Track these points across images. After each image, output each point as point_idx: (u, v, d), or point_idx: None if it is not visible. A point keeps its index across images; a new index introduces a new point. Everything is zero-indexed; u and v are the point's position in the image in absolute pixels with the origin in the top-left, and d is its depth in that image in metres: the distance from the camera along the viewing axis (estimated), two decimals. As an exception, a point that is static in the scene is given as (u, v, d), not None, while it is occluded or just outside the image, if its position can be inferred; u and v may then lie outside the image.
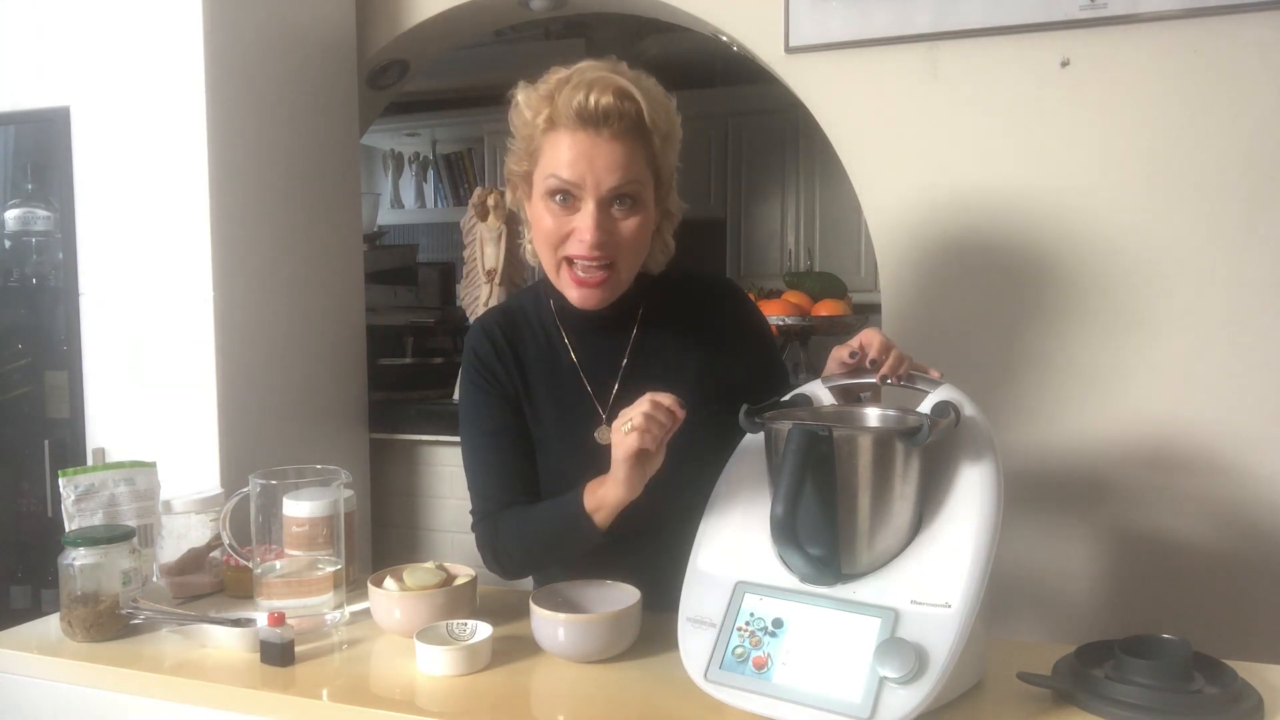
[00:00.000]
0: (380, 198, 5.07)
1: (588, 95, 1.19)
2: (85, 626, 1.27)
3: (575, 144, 1.21)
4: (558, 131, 1.22)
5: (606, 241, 1.23)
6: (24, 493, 2.17)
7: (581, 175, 1.21)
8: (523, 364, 1.36)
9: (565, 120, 1.21)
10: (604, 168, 1.21)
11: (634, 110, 1.21)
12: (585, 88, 1.19)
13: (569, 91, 1.20)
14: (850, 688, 0.97)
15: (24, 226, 2.12)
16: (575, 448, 1.34)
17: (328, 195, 2.24)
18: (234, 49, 1.94)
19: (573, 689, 1.13)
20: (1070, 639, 1.19)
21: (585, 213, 1.22)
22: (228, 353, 1.93)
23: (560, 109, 1.21)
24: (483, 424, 1.36)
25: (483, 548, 1.34)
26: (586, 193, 1.22)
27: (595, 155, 1.21)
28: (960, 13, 1.88)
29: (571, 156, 1.21)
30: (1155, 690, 0.99)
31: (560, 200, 1.24)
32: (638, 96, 1.21)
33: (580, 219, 1.23)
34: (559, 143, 1.22)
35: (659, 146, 1.25)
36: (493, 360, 1.36)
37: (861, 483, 1.03)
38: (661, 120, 1.24)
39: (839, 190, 4.15)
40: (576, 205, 1.23)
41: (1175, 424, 1.82)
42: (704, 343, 1.37)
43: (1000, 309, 1.92)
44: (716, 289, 1.43)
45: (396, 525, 2.52)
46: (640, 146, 1.23)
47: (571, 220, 1.24)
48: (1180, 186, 1.80)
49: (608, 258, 1.25)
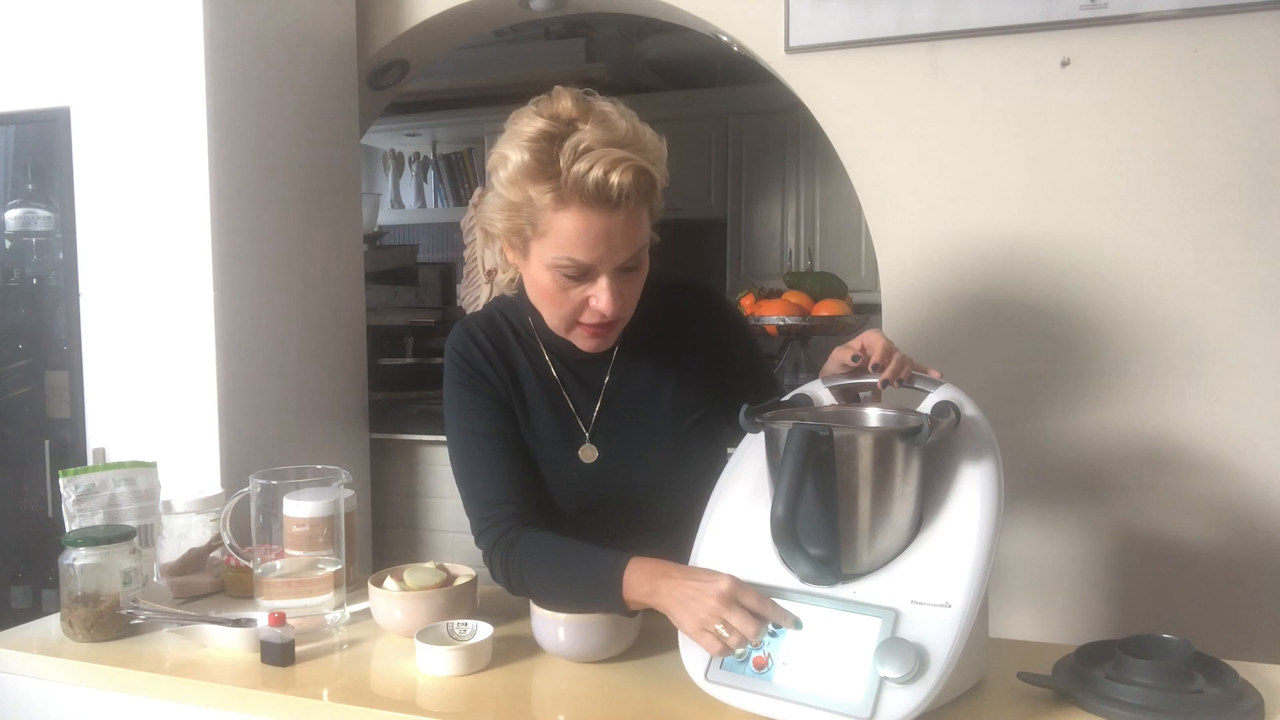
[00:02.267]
0: (380, 198, 5.07)
1: (606, 176, 1.11)
2: (86, 626, 1.27)
3: (590, 226, 1.14)
4: (568, 210, 1.14)
5: (621, 305, 1.20)
6: (24, 493, 2.17)
7: (599, 257, 1.16)
8: (513, 371, 1.33)
9: (577, 199, 1.13)
10: (621, 244, 1.16)
11: (649, 183, 1.16)
12: (601, 166, 1.11)
13: (580, 167, 1.11)
14: (851, 688, 0.97)
15: (24, 226, 2.12)
16: (559, 466, 1.31)
17: (328, 195, 2.24)
18: (234, 49, 1.94)
19: (573, 689, 1.13)
20: (1070, 639, 1.19)
21: (601, 287, 1.18)
22: (228, 353, 1.93)
23: (570, 186, 1.12)
24: (476, 426, 1.29)
25: (493, 563, 1.25)
26: (601, 268, 1.17)
27: (613, 234, 1.15)
28: (960, 13, 1.88)
29: (590, 240, 1.14)
30: (1156, 690, 0.99)
31: (573, 274, 1.18)
32: (652, 171, 1.15)
33: (595, 291, 1.18)
34: (570, 222, 1.14)
35: (659, 198, 1.21)
36: (482, 363, 1.31)
37: (862, 483, 1.03)
38: (663, 172, 1.19)
39: (839, 190, 4.14)
40: (589, 276, 1.18)
41: (1176, 424, 1.82)
42: (686, 351, 1.35)
43: (1000, 308, 1.92)
44: (696, 297, 1.39)
45: (397, 525, 2.52)
46: (647, 209, 1.19)
47: (583, 289, 1.19)
48: (1180, 186, 1.80)
49: (621, 315, 1.22)
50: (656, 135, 1.20)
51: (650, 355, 1.34)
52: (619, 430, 1.32)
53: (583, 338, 1.25)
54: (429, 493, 2.50)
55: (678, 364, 1.34)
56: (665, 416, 1.33)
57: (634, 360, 1.34)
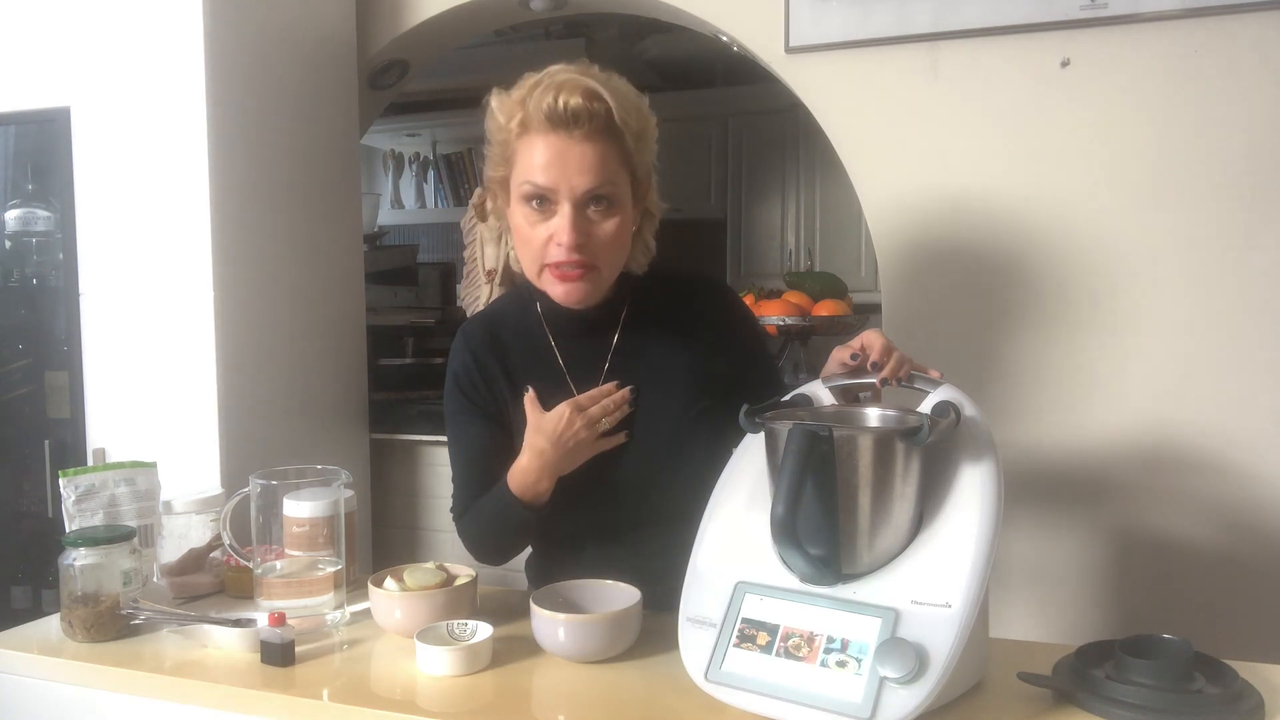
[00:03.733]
0: (380, 198, 5.06)
1: (556, 97, 1.18)
2: (86, 627, 1.27)
3: (548, 147, 1.21)
4: (530, 136, 1.22)
5: (584, 244, 1.23)
6: (24, 493, 2.17)
7: (555, 179, 1.21)
8: (508, 369, 1.37)
9: (537, 124, 1.21)
10: (576, 169, 1.21)
11: (604, 110, 1.20)
12: (554, 90, 1.19)
13: (539, 94, 1.20)
14: (851, 688, 0.97)
15: (24, 227, 2.12)
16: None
17: (328, 195, 2.24)
18: (234, 49, 1.94)
19: (573, 689, 1.13)
20: (1071, 639, 1.19)
21: (561, 215, 1.22)
22: (228, 353, 1.93)
23: (531, 112, 1.21)
24: (460, 435, 1.40)
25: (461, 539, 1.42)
26: (561, 196, 1.22)
27: (568, 157, 1.20)
28: (960, 13, 1.88)
29: (545, 160, 1.21)
30: (1156, 690, 0.99)
31: (537, 205, 1.23)
32: (606, 96, 1.20)
33: (557, 222, 1.23)
34: (532, 147, 1.22)
35: (632, 145, 1.25)
36: (473, 376, 1.38)
37: (862, 483, 1.03)
38: (633, 119, 1.24)
39: (839, 190, 4.14)
40: (553, 209, 1.23)
41: (1176, 424, 1.82)
42: (690, 340, 1.37)
43: (1001, 309, 1.92)
44: (699, 286, 1.42)
45: (397, 525, 2.52)
46: (613, 146, 1.23)
47: (549, 225, 1.23)
48: (1180, 186, 1.80)
49: (587, 260, 1.25)
50: (639, 96, 1.27)
51: (654, 344, 1.36)
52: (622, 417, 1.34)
53: (551, 282, 1.27)
54: (429, 493, 2.50)
55: (682, 354, 1.36)
56: (668, 405, 1.34)
57: (638, 349, 1.36)
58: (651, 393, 1.35)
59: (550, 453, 1.28)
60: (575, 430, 1.27)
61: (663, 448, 1.34)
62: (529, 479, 1.30)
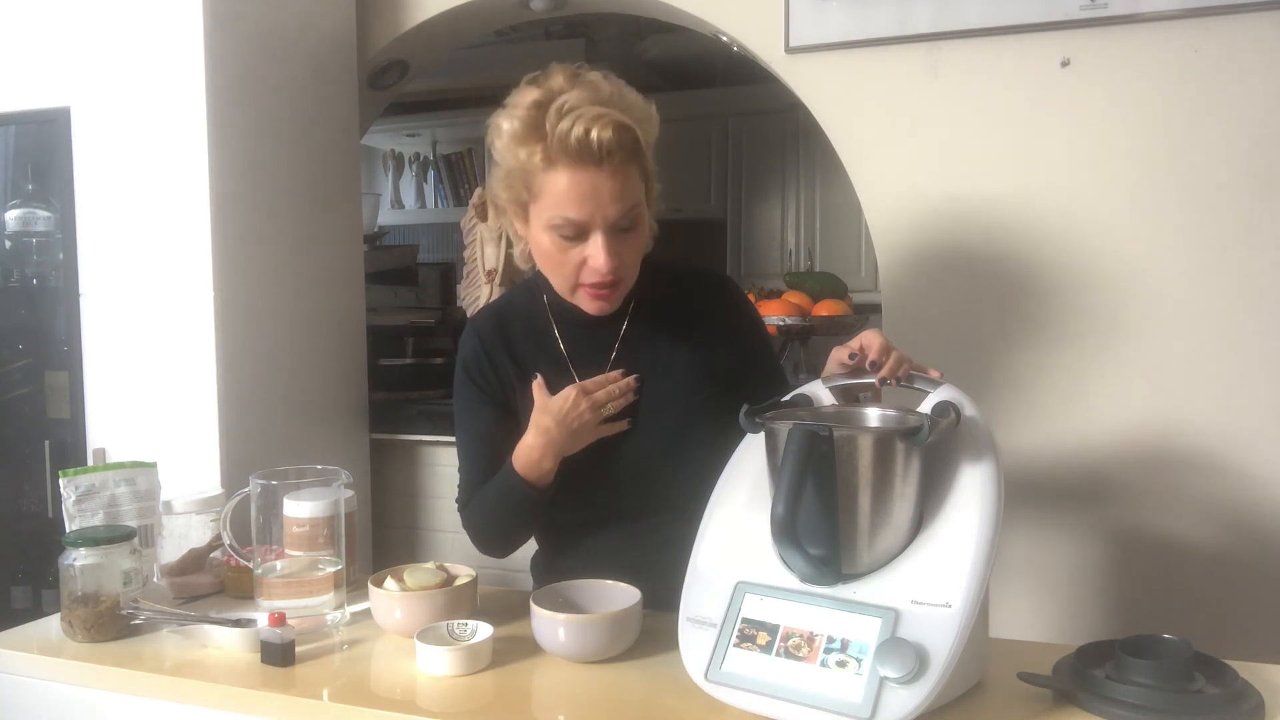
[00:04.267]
0: (380, 198, 5.06)
1: (587, 133, 1.16)
2: (86, 627, 1.27)
3: (578, 183, 1.20)
4: (557, 170, 1.20)
5: (618, 265, 1.25)
6: (25, 493, 2.17)
7: (590, 213, 1.21)
8: (516, 360, 1.39)
9: (563, 157, 1.19)
10: (609, 200, 1.21)
11: (631, 140, 1.21)
12: (582, 123, 1.16)
13: (564, 126, 1.17)
14: (851, 688, 0.97)
15: (24, 227, 2.13)
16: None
17: (328, 195, 2.24)
18: (234, 49, 1.94)
19: (573, 689, 1.13)
20: (1071, 639, 1.19)
21: (595, 244, 1.23)
22: (228, 353, 1.93)
23: (556, 145, 1.18)
24: (468, 421, 1.42)
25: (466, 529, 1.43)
26: (595, 226, 1.22)
27: (601, 191, 1.20)
28: (960, 13, 1.88)
29: (578, 196, 1.20)
30: (1156, 690, 0.99)
31: (569, 233, 1.24)
32: (633, 126, 1.20)
33: (591, 250, 1.24)
34: (560, 180, 1.20)
35: (648, 159, 1.27)
36: (482, 364, 1.40)
37: (862, 483, 1.03)
38: (651, 134, 1.25)
39: (839, 190, 4.14)
40: (584, 235, 1.24)
41: (1176, 424, 1.82)
42: (694, 332, 1.38)
43: (1000, 308, 1.92)
44: (705, 279, 1.45)
45: (397, 525, 2.52)
46: (636, 167, 1.24)
47: (581, 249, 1.24)
48: (1180, 186, 1.80)
49: (620, 276, 1.27)
50: (646, 102, 1.26)
51: (658, 334, 1.38)
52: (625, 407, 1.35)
53: (586, 299, 1.30)
54: (429, 493, 2.50)
55: (685, 343, 1.38)
56: (672, 394, 1.36)
57: (641, 339, 1.37)
58: (656, 382, 1.36)
59: (555, 431, 1.29)
60: (580, 412, 1.29)
61: (666, 436, 1.35)
62: (533, 456, 1.31)
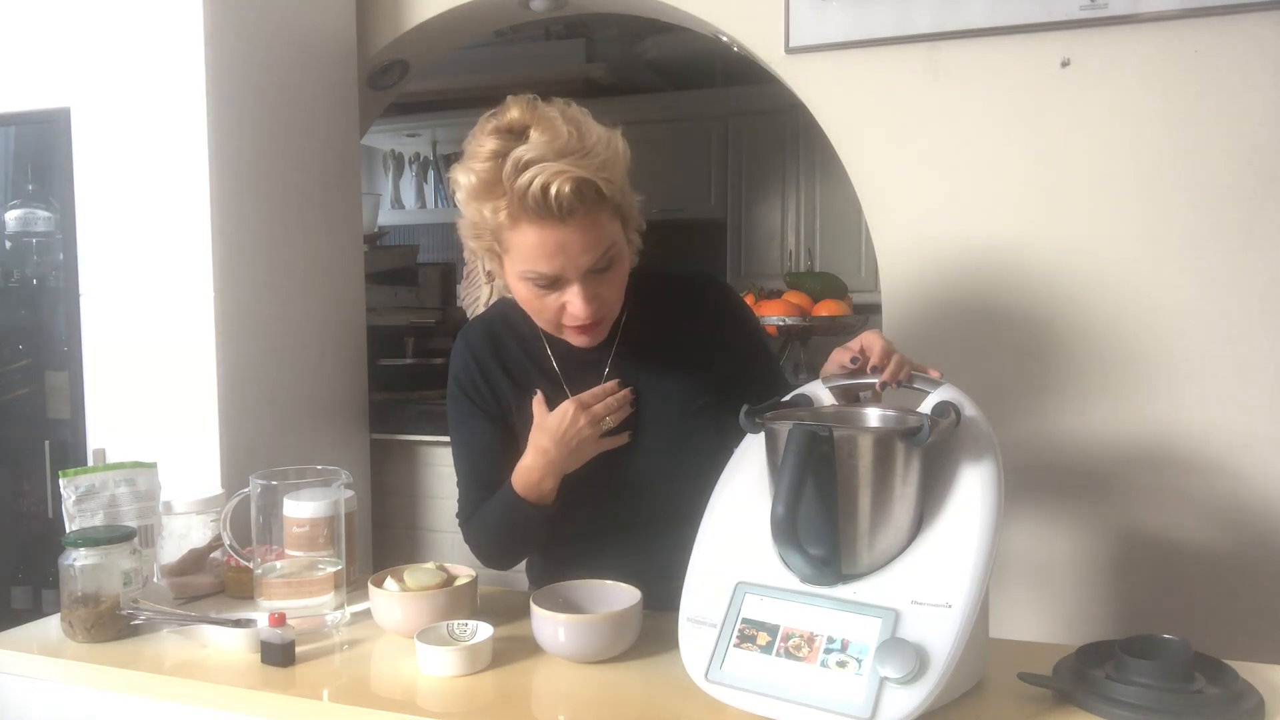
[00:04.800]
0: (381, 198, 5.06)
1: (545, 190, 1.12)
2: (86, 627, 1.27)
3: (545, 240, 1.16)
4: (521, 227, 1.16)
5: (598, 307, 1.23)
6: (25, 493, 2.17)
7: (561, 266, 1.18)
8: (509, 373, 1.37)
9: (524, 214, 1.15)
10: (579, 251, 1.17)
11: (594, 191, 1.15)
12: (541, 179, 1.12)
13: (522, 182, 1.13)
14: (851, 688, 0.97)
15: (25, 227, 2.12)
16: None
17: (328, 196, 2.24)
18: (234, 49, 1.94)
19: (573, 689, 1.13)
20: (1071, 639, 1.19)
21: (573, 293, 1.20)
22: (228, 353, 1.93)
23: (516, 201, 1.14)
24: (464, 438, 1.39)
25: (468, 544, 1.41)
26: (569, 277, 1.20)
27: (569, 245, 1.17)
28: (961, 13, 1.88)
29: (547, 252, 1.17)
30: (1156, 690, 0.99)
31: (544, 284, 1.21)
32: (593, 178, 1.15)
33: (569, 298, 1.21)
34: (526, 238, 1.17)
35: (619, 196, 1.21)
36: (475, 378, 1.37)
37: (862, 483, 1.03)
38: (617, 176, 1.19)
39: (839, 190, 4.14)
40: (560, 284, 1.21)
41: (1175, 424, 1.82)
42: (688, 338, 1.36)
43: (1000, 309, 1.92)
44: (695, 282, 1.41)
45: (397, 526, 2.52)
46: (605, 210, 1.19)
47: (558, 296, 1.22)
48: (1180, 186, 1.80)
49: (601, 314, 1.25)
50: (609, 133, 1.20)
51: (652, 344, 1.35)
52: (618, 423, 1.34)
53: (572, 336, 1.28)
54: (429, 493, 2.50)
55: (681, 352, 1.36)
56: (668, 403, 1.34)
57: (635, 350, 1.35)
58: (652, 392, 1.35)
59: (554, 451, 1.27)
60: (579, 428, 1.27)
61: (664, 446, 1.34)
62: (532, 478, 1.29)
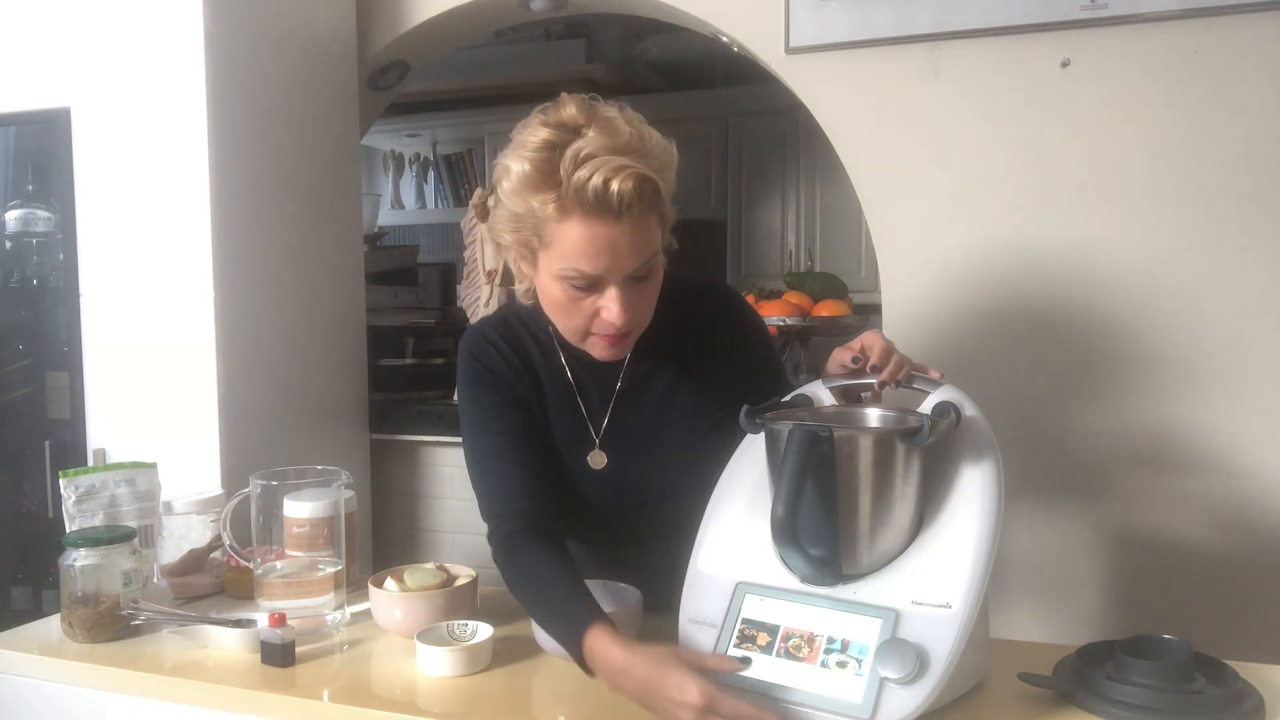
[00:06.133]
0: (381, 198, 5.06)
1: (606, 185, 1.07)
2: (86, 627, 1.27)
3: (595, 237, 1.10)
4: (571, 220, 1.10)
5: (633, 316, 1.17)
6: (25, 494, 2.17)
7: (606, 267, 1.12)
8: (530, 369, 1.31)
9: (579, 208, 1.09)
10: (627, 253, 1.12)
11: (653, 190, 1.11)
12: (602, 174, 1.07)
13: (581, 175, 1.08)
14: (851, 688, 0.97)
15: (25, 227, 2.12)
16: (570, 471, 1.30)
17: (328, 196, 2.24)
18: (234, 50, 1.94)
19: (573, 689, 1.13)
20: (1071, 639, 1.19)
21: (610, 296, 1.14)
22: (228, 353, 1.93)
23: (572, 194, 1.08)
24: (491, 425, 1.27)
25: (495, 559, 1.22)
26: (610, 280, 1.14)
27: (619, 244, 1.11)
28: (960, 13, 1.88)
29: (594, 250, 1.11)
30: (1156, 691, 0.99)
31: (582, 285, 1.15)
32: (654, 177, 1.11)
33: (605, 302, 1.15)
34: (574, 232, 1.11)
35: (668, 203, 1.17)
36: (500, 364, 1.29)
37: (862, 483, 1.03)
38: (672, 179, 1.15)
39: (839, 190, 4.14)
40: (598, 287, 1.15)
41: (1176, 424, 1.82)
42: (701, 353, 1.32)
43: (1000, 309, 1.92)
44: (708, 297, 1.37)
45: (397, 526, 2.52)
46: (655, 215, 1.15)
47: (593, 300, 1.16)
48: (1180, 186, 1.80)
49: (634, 325, 1.19)
50: (665, 140, 1.15)
51: (667, 359, 1.31)
52: (629, 436, 1.30)
53: (598, 347, 1.21)
54: (429, 493, 2.50)
55: (695, 368, 1.32)
56: (680, 421, 1.31)
57: (650, 364, 1.31)
58: (664, 409, 1.31)
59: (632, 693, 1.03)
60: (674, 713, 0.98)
61: (676, 462, 1.31)
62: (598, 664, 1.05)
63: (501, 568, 1.20)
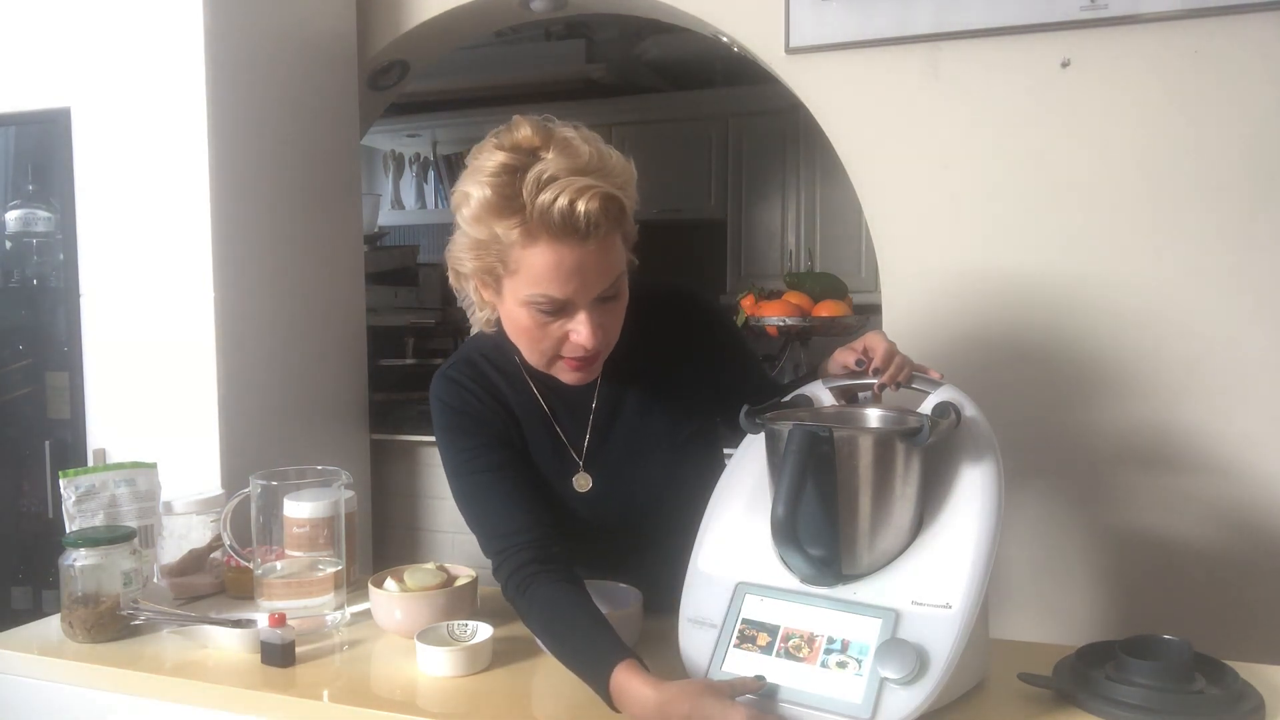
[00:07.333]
0: (381, 198, 5.06)
1: (572, 206, 1.05)
2: (86, 627, 1.27)
3: (562, 260, 1.08)
4: (538, 245, 1.08)
5: (602, 335, 1.16)
6: (25, 494, 2.17)
7: (574, 291, 1.11)
8: (503, 404, 1.28)
9: (545, 231, 1.07)
10: (595, 276, 1.11)
11: (618, 209, 1.10)
12: (566, 195, 1.05)
13: (545, 198, 1.06)
14: (851, 688, 0.97)
15: (25, 227, 2.13)
16: (555, 497, 1.29)
17: (328, 196, 2.24)
18: (235, 50, 1.94)
19: (573, 689, 1.12)
20: (1071, 639, 1.19)
21: (580, 320, 1.13)
22: (228, 353, 1.93)
23: (537, 218, 1.07)
24: (476, 465, 1.25)
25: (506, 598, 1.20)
26: (578, 301, 1.12)
27: (586, 266, 1.10)
28: (961, 13, 1.88)
29: (562, 273, 1.09)
30: (1156, 691, 0.99)
31: (549, 310, 1.13)
32: (618, 195, 1.10)
33: (574, 325, 1.14)
34: (541, 257, 1.09)
35: (630, 221, 1.16)
36: (473, 403, 1.27)
37: (862, 483, 1.03)
38: (634, 195, 1.14)
39: (839, 190, 4.14)
40: (567, 311, 1.14)
41: (1176, 424, 1.82)
42: (673, 362, 1.31)
43: (1000, 309, 1.92)
44: (672, 304, 1.33)
45: (397, 526, 2.52)
46: (620, 233, 1.14)
47: (561, 324, 1.14)
48: (1180, 187, 1.80)
49: (603, 348, 1.18)
50: (624, 158, 1.14)
51: (637, 373, 1.29)
52: (612, 455, 1.30)
53: (565, 371, 1.20)
54: (429, 493, 2.50)
55: (667, 378, 1.31)
56: (659, 434, 1.30)
57: (621, 382, 1.30)
58: (640, 426, 1.30)
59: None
60: None
61: (660, 474, 1.30)
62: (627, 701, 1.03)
63: (514, 603, 1.18)
